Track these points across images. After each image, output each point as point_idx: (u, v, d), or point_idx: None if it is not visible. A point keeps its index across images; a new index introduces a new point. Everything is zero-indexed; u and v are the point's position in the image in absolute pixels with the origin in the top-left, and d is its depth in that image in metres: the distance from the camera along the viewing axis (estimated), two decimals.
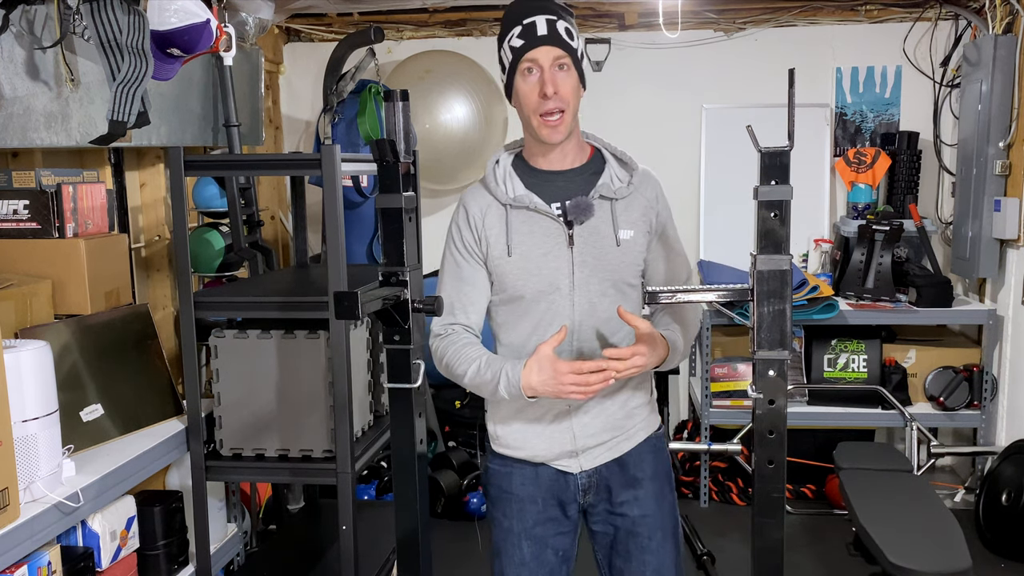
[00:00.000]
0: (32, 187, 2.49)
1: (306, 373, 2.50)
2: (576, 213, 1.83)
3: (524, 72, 1.81)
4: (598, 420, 1.91)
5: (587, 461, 1.93)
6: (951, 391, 3.89)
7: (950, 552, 2.61)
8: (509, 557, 1.97)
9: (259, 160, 3.25)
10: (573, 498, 1.95)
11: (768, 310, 1.51)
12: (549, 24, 1.78)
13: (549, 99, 1.78)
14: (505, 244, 1.86)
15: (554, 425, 1.91)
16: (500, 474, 1.98)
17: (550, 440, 1.91)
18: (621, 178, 1.89)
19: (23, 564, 1.90)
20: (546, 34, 1.78)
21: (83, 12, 2.10)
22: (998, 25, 3.78)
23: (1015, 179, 3.73)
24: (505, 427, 1.95)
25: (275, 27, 4.32)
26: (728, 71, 4.38)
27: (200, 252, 3.36)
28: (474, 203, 1.91)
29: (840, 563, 3.50)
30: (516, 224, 1.87)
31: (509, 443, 1.95)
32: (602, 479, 1.94)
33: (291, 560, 2.97)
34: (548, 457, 1.93)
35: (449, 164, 4.25)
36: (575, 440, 1.91)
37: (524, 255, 1.86)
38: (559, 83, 1.79)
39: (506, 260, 1.87)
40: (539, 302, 1.87)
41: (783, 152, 1.49)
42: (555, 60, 1.79)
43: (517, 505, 1.96)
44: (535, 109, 1.81)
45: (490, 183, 1.91)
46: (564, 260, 1.85)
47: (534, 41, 1.78)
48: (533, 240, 1.86)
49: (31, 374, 2.00)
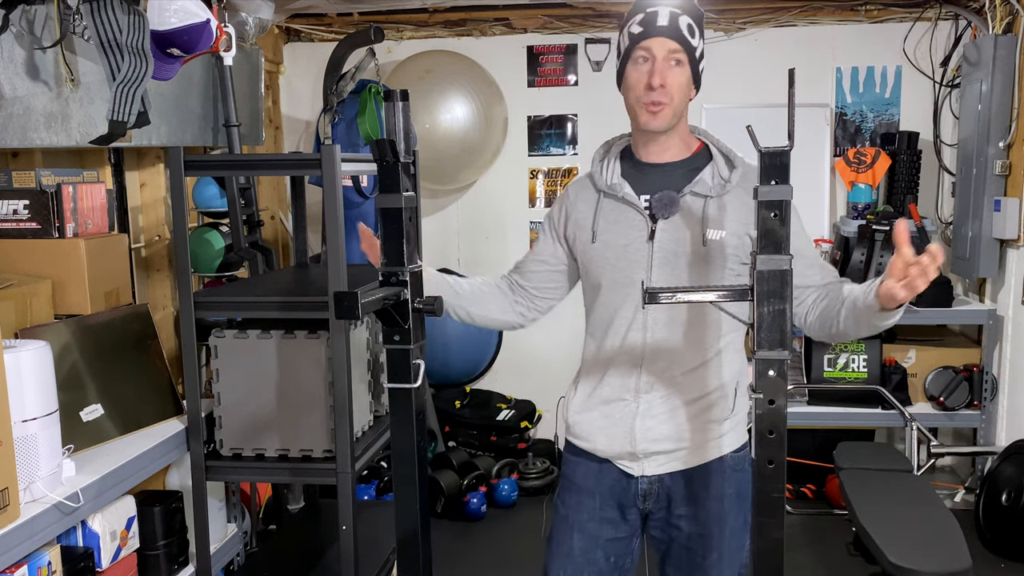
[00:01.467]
0: (32, 187, 2.49)
1: (306, 373, 2.50)
2: (660, 207, 1.79)
3: (637, 60, 1.78)
4: (664, 426, 1.85)
5: (649, 467, 1.88)
6: (951, 391, 3.89)
7: (950, 552, 2.61)
8: (559, 545, 1.96)
9: (259, 160, 3.25)
10: (633, 502, 1.92)
11: (768, 310, 1.51)
12: (672, 16, 1.75)
13: (654, 90, 1.75)
14: (591, 230, 1.86)
15: (618, 423, 1.88)
16: (570, 462, 1.98)
17: (610, 437, 1.89)
18: (723, 176, 1.83)
19: (23, 564, 1.90)
20: (665, 25, 1.75)
21: (83, 12, 2.10)
22: (998, 25, 3.78)
23: (1015, 179, 3.73)
24: (576, 416, 1.95)
25: (275, 27, 4.32)
26: (728, 71, 4.37)
27: (200, 252, 3.35)
28: (576, 185, 1.96)
29: (840, 563, 3.50)
30: (605, 211, 1.85)
31: (578, 433, 1.95)
32: (664, 488, 1.89)
33: (291, 560, 2.96)
34: (609, 454, 1.91)
35: (449, 164, 4.26)
36: (635, 442, 1.86)
37: (606, 243, 1.85)
38: (668, 76, 1.76)
39: (590, 246, 1.86)
40: (615, 293, 1.85)
41: (783, 152, 1.49)
42: (670, 53, 1.76)
43: (576, 496, 1.95)
44: (639, 97, 1.78)
45: (594, 168, 1.91)
46: (643, 254, 1.81)
47: (652, 31, 1.75)
48: (617, 229, 1.84)
49: (31, 374, 2.00)
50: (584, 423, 1.93)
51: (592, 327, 1.94)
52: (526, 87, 4.55)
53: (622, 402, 1.88)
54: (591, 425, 1.92)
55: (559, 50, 4.51)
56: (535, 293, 2.00)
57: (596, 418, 1.91)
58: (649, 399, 1.86)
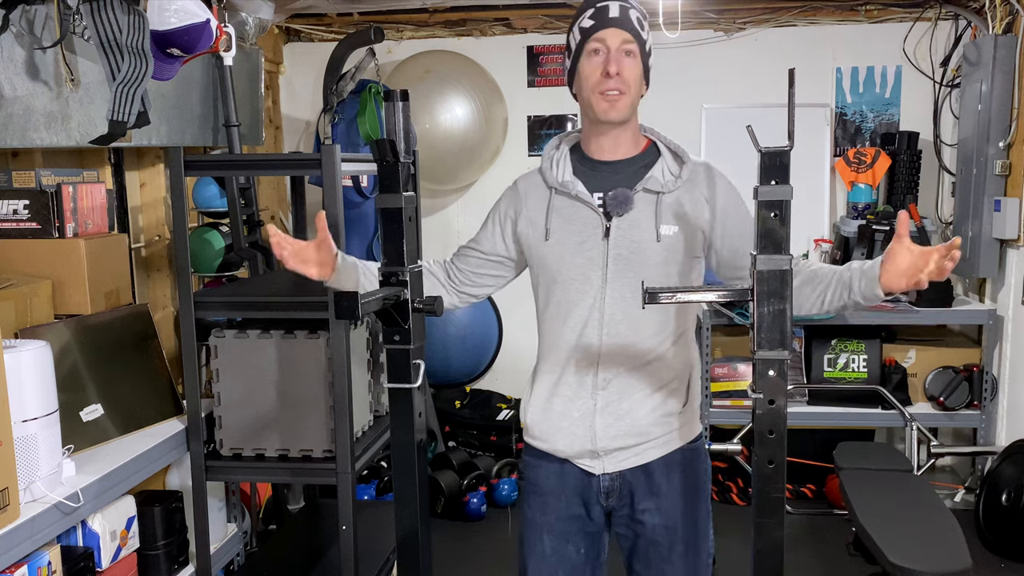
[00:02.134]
0: (32, 187, 2.49)
1: (306, 373, 2.50)
2: (614, 205, 1.81)
3: (590, 53, 1.79)
4: (622, 422, 1.87)
5: (610, 464, 1.90)
6: (951, 391, 3.89)
7: (950, 552, 2.60)
8: (531, 549, 1.97)
9: (259, 160, 3.25)
10: (596, 499, 1.93)
11: (768, 310, 1.51)
12: (622, 9, 1.78)
13: (611, 78, 1.76)
14: (544, 227, 1.86)
15: (577, 422, 1.88)
16: (530, 466, 1.99)
17: (571, 436, 1.89)
18: (673, 172, 1.85)
19: (23, 564, 1.90)
20: (618, 16, 1.77)
21: (83, 12, 2.10)
22: (998, 25, 3.78)
23: (1015, 179, 3.73)
24: (534, 418, 1.95)
25: (275, 27, 4.32)
26: (728, 71, 4.37)
27: (200, 252, 3.35)
28: (524, 181, 1.95)
29: (840, 563, 3.50)
30: (558, 209, 1.86)
31: (535, 434, 1.95)
32: (625, 484, 1.91)
33: (291, 560, 2.96)
34: (570, 454, 1.91)
35: (449, 164, 4.25)
36: (595, 440, 1.87)
37: (561, 241, 1.85)
38: (623, 66, 1.78)
39: (543, 243, 1.87)
40: (570, 290, 1.85)
41: (783, 152, 1.49)
42: (623, 43, 1.78)
43: (542, 499, 1.96)
44: (595, 87, 1.79)
45: (544, 164, 1.91)
46: (598, 251, 1.83)
47: (604, 23, 1.77)
48: (572, 227, 1.85)
49: (31, 374, 2.00)
50: (543, 423, 1.93)
51: (546, 326, 1.93)
52: (526, 87, 4.55)
53: (580, 400, 1.88)
54: (550, 425, 1.92)
55: (559, 50, 4.50)
56: (470, 281, 2.00)
57: (555, 418, 1.91)
58: (607, 396, 1.86)
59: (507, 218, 1.93)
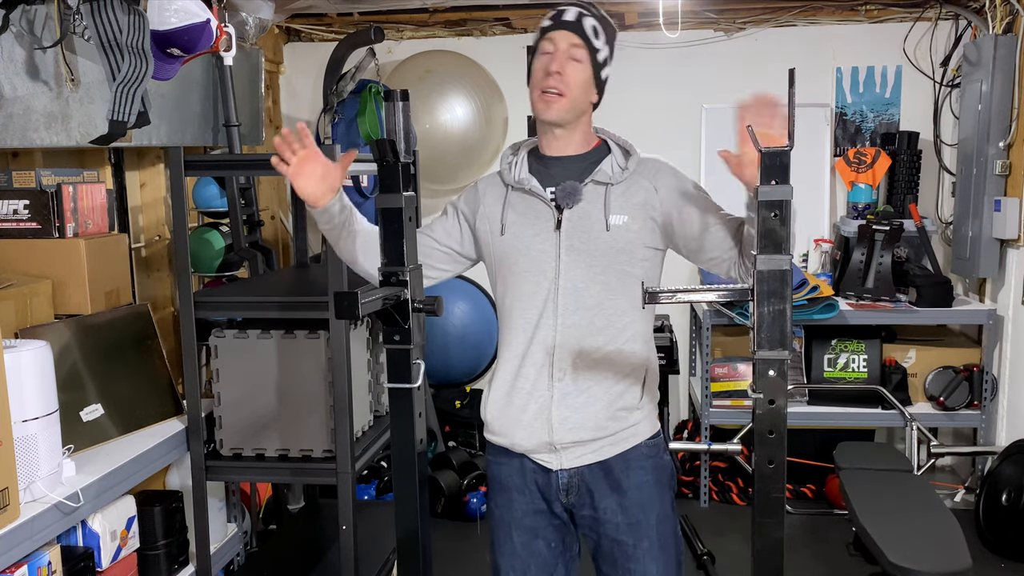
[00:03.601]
0: (32, 187, 2.49)
1: (306, 373, 2.50)
2: (563, 196, 1.86)
3: (541, 53, 1.86)
4: (578, 415, 1.88)
5: (568, 460, 1.91)
6: (951, 391, 3.89)
7: (950, 552, 2.60)
8: (501, 547, 1.99)
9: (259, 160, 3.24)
10: (556, 496, 1.94)
11: (768, 310, 1.51)
12: (578, 15, 1.84)
13: (551, 76, 1.82)
14: (500, 222, 1.91)
15: (534, 415, 1.90)
16: (493, 464, 2.01)
17: (528, 429, 1.91)
18: (620, 165, 1.91)
19: (23, 564, 1.90)
20: (571, 20, 1.84)
21: (83, 12, 2.10)
22: (998, 25, 3.78)
23: (1015, 179, 3.73)
24: (493, 413, 1.97)
25: (275, 27, 4.32)
26: (728, 71, 4.37)
27: (200, 252, 3.35)
28: (484, 181, 2.00)
29: (840, 563, 3.50)
30: (513, 204, 1.91)
31: (495, 429, 1.97)
32: (584, 481, 1.92)
33: (291, 560, 2.97)
34: (528, 448, 1.93)
35: (449, 164, 4.25)
36: (552, 432, 1.88)
37: (516, 235, 1.90)
38: (567, 67, 1.83)
39: (500, 238, 1.91)
40: (525, 283, 1.89)
41: (783, 152, 1.49)
42: (571, 46, 1.83)
43: (506, 495, 1.98)
44: (537, 84, 1.85)
45: (502, 166, 1.97)
46: (551, 243, 1.87)
47: (558, 24, 1.84)
48: (525, 220, 1.90)
49: (31, 374, 2.00)
50: (502, 418, 1.95)
51: (504, 319, 1.96)
52: (526, 87, 4.53)
53: (537, 392, 1.90)
54: (508, 419, 1.94)
55: None
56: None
57: (514, 412, 1.93)
58: (563, 387, 1.88)
59: (463, 215, 1.98)
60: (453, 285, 4.55)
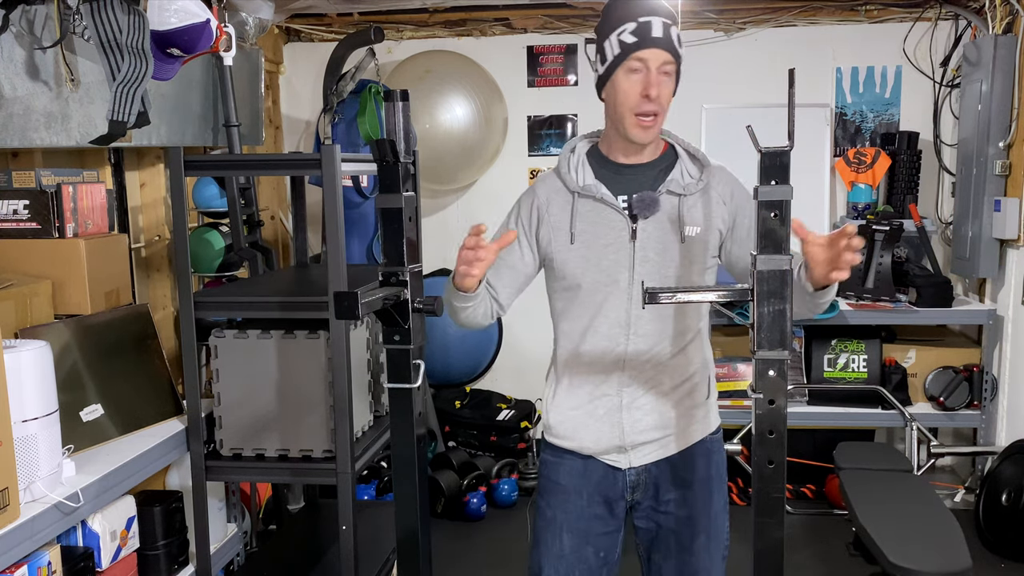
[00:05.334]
0: (32, 187, 2.49)
1: (306, 373, 2.50)
2: (641, 207, 1.83)
3: (630, 70, 1.79)
4: (650, 417, 1.90)
5: (636, 458, 1.92)
6: (951, 391, 3.89)
7: (950, 552, 2.61)
8: (548, 547, 1.96)
9: (259, 160, 3.25)
10: (620, 495, 1.95)
11: (768, 310, 1.51)
12: (665, 28, 1.78)
13: (651, 101, 1.78)
14: (569, 231, 1.87)
15: (605, 418, 1.90)
16: (550, 464, 1.99)
17: (599, 433, 1.91)
18: (692, 174, 1.88)
19: (23, 564, 1.90)
20: (661, 37, 1.77)
21: (83, 12, 2.10)
22: (998, 25, 3.78)
23: (1015, 179, 3.73)
24: (559, 416, 1.96)
25: (275, 27, 4.32)
26: (728, 71, 4.37)
27: (200, 252, 3.35)
28: (543, 186, 1.93)
29: (840, 563, 3.50)
30: (582, 212, 1.87)
31: (560, 433, 1.96)
32: (651, 477, 1.93)
33: (291, 560, 2.96)
34: (596, 451, 1.93)
35: (449, 164, 4.25)
36: (624, 435, 1.90)
37: (586, 244, 1.86)
38: (662, 87, 1.79)
39: (568, 248, 1.87)
40: (596, 293, 1.87)
41: (783, 152, 1.49)
42: (663, 64, 1.79)
43: (563, 496, 1.96)
44: (632, 107, 1.80)
45: (562, 169, 1.92)
46: (625, 254, 1.84)
47: (648, 42, 1.77)
48: (597, 230, 1.86)
49: (31, 374, 2.00)
50: (567, 422, 1.94)
51: (568, 328, 1.93)
52: (526, 87, 4.55)
53: (606, 398, 1.90)
54: (575, 423, 1.93)
55: (559, 50, 4.51)
56: (505, 298, 1.97)
57: (580, 416, 1.93)
58: (632, 392, 1.89)
59: (531, 225, 1.93)
60: None
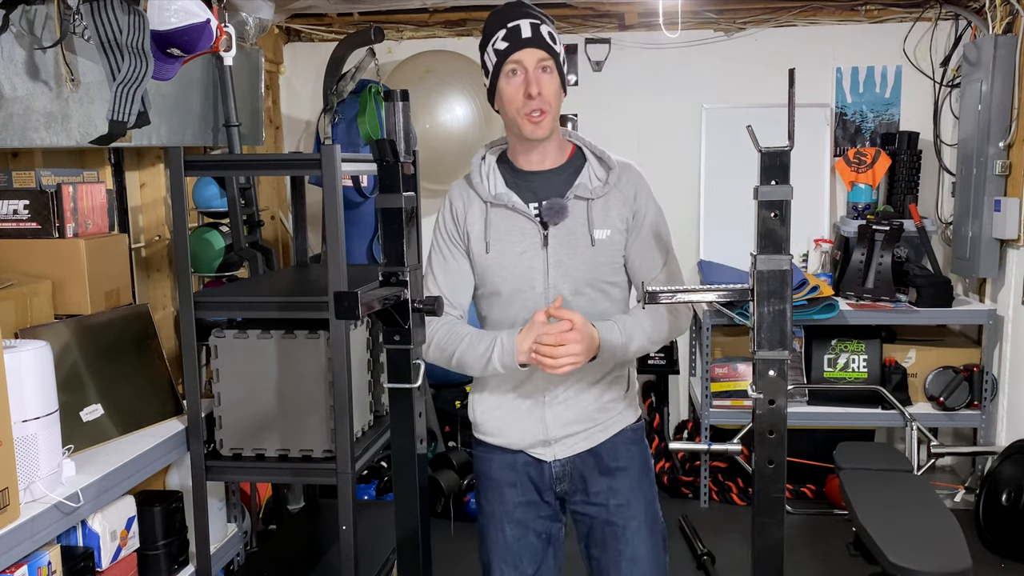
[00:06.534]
0: (32, 187, 2.49)
1: (306, 373, 2.50)
2: (550, 215, 1.88)
3: (508, 74, 1.85)
4: (571, 411, 1.95)
5: (561, 450, 1.98)
6: (951, 391, 3.89)
7: (950, 552, 2.60)
8: (493, 541, 2.03)
9: (259, 160, 3.24)
10: (548, 485, 2.00)
11: (768, 310, 1.51)
12: (533, 28, 1.83)
13: (533, 99, 1.82)
14: (484, 240, 1.92)
15: (528, 414, 1.96)
16: (481, 460, 2.06)
17: (523, 429, 1.97)
18: (599, 177, 1.92)
19: (23, 564, 1.90)
20: (530, 36, 1.82)
21: (83, 12, 2.10)
22: (998, 25, 3.78)
23: (1015, 179, 3.73)
24: (484, 415, 2.02)
25: (275, 27, 4.32)
26: (728, 71, 4.38)
27: (200, 252, 3.35)
28: (458, 197, 1.99)
29: (840, 563, 3.50)
30: (495, 221, 1.92)
31: (487, 431, 2.02)
32: (576, 468, 1.99)
33: (291, 560, 2.96)
34: (522, 445, 1.99)
35: (449, 164, 4.25)
36: (547, 430, 1.96)
37: (502, 252, 1.91)
38: (543, 84, 1.84)
39: (484, 256, 1.93)
40: (515, 299, 1.92)
41: (783, 152, 1.49)
42: (539, 62, 1.83)
43: (497, 489, 2.02)
44: (519, 108, 1.85)
45: (474, 179, 1.96)
46: (539, 260, 1.90)
47: (519, 43, 1.82)
48: (511, 238, 1.91)
49: (31, 374, 2.00)
50: (493, 420, 2.01)
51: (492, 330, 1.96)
52: None
53: (530, 395, 1.96)
54: (501, 421, 1.99)
55: None
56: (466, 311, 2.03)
57: (506, 414, 1.99)
58: (553, 389, 1.95)
59: (461, 235, 1.97)
60: None
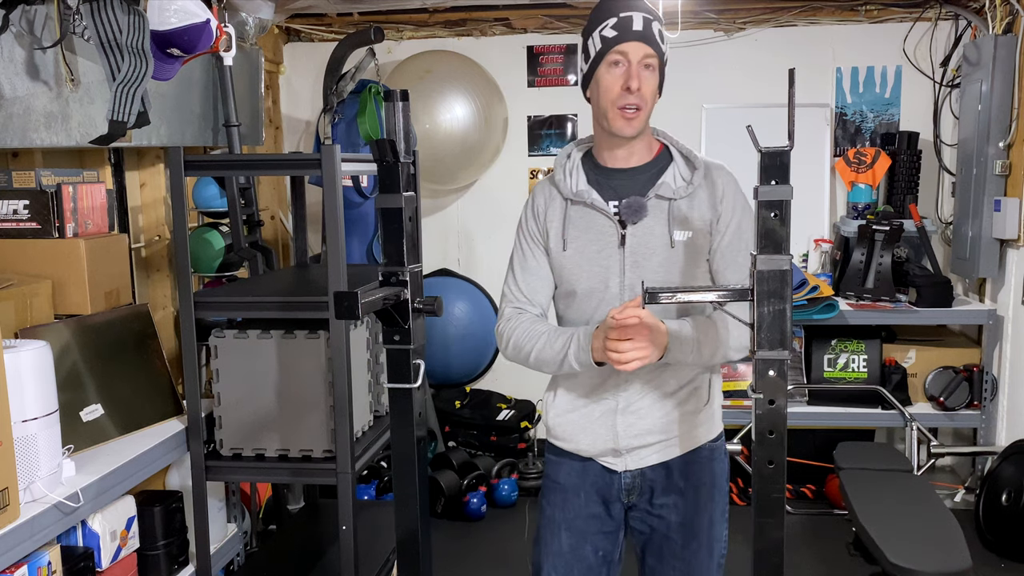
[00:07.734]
0: (32, 187, 2.49)
1: (306, 373, 2.50)
2: (628, 213, 1.83)
3: (611, 63, 1.80)
4: (644, 421, 1.90)
5: (632, 461, 1.93)
6: (951, 391, 3.89)
7: (950, 552, 2.61)
8: (547, 546, 1.98)
9: (259, 160, 3.25)
10: (616, 496, 1.96)
11: (768, 310, 1.51)
12: (645, 22, 1.78)
13: (632, 93, 1.78)
14: (561, 238, 1.88)
15: (599, 422, 1.92)
16: (551, 463, 2.02)
17: (594, 435, 1.92)
18: (684, 177, 1.87)
19: (23, 564, 1.90)
20: (641, 30, 1.77)
21: (83, 12, 2.10)
22: (998, 25, 3.78)
23: (1015, 179, 3.73)
24: (557, 419, 1.98)
25: (275, 27, 4.32)
26: (728, 71, 4.37)
27: (200, 252, 3.35)
28: (540, 194, 1.96)
29: (840, 563, 3.50)
30: (574, 219, 1.88)
31: (558, 435, 1.98)
32: (646, 481, 1.94)
33: (291, 560, 2.96)
34: (593, 453, 1.94)
35: (449, 164, 4.25)
36: (617, 439, 1.90)
37: (579, 250, 1.87)
38: (644, 80, 1.79)
39: (562, 254, 1.89)
40: (590, 298, 1.88)
41: (783, 152, 1.49)
42: (644, 57, 1.79)
43: (561, 495, 1.98)
44: (614, 101, 1.80)
45: (556, 176, 1.93)
46: (615, 260, 1.85)
47: (628, 35, 1.77)
48: (588, 236, 1.87)
49: (31, 374, 2.00)
50: (565, 425, 1.96)
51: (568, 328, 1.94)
52: (526, 87, 4.55)
53: (603, 401, 1.91)
54: (573, 426, 1.95)
55: (559, 50, 4.51)
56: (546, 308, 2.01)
57: (577, 419, 1.95)
58: (628, 396, 1.90)
59: (539, 233, 1.95)
60: (453, 285, 4.55)
